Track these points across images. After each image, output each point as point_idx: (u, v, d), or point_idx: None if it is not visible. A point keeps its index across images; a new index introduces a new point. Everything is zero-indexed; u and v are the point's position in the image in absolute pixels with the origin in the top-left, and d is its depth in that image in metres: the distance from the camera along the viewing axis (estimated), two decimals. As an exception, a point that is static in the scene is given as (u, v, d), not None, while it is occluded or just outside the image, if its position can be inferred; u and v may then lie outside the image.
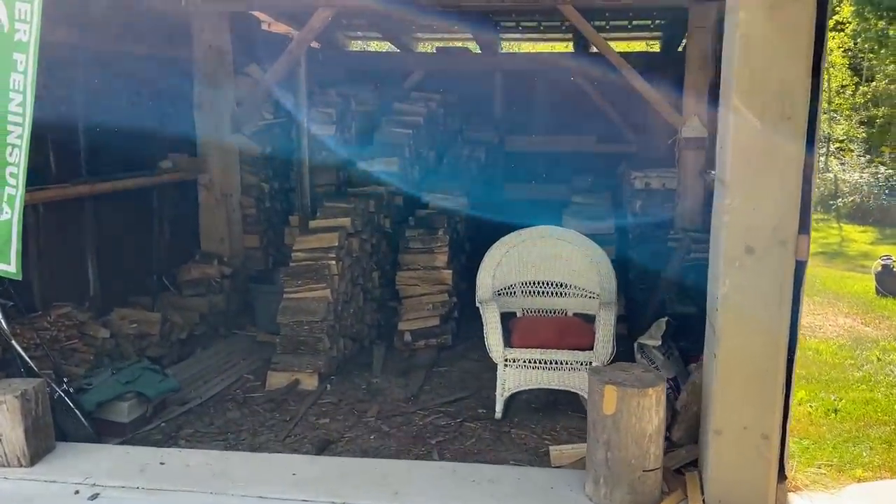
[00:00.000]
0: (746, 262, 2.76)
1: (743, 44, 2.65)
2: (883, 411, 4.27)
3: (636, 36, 9.22)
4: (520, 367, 4.06)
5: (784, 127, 2.65)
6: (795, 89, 2.63)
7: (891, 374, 4.97)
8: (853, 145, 16.29)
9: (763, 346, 2.79)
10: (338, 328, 4.85)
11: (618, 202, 6.79)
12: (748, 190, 2.72)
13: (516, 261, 4.45)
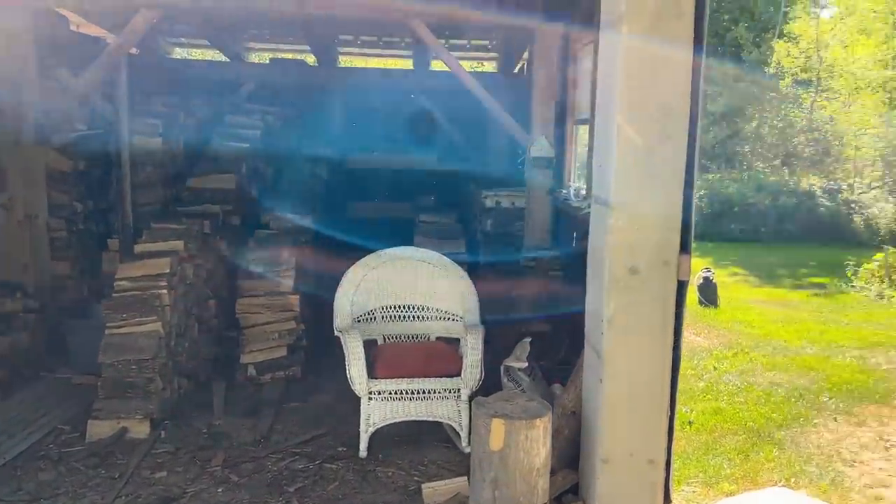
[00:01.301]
0: (631, 283, 2.69)
1: (625, 62, 2.59)
2: (731, 420, 4.47)
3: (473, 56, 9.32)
4: (385, 399, 3.78)
5: (666, 146, 2.62)
6: (676, 108, 2.60)
7: (729, 383, 5.26)
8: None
9: (649, 368, 2.73)
10: (171, 366, 4.29)
11: (464, 220, 6.73)
12: (632, 210, 2.66)
13: (375, 284, 4.18)
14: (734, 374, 5.52)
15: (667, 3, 2.57)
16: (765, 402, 4.86)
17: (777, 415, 4.63)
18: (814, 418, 4.58)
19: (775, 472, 3.78)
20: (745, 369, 5.68)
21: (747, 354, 6.09)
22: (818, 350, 6.32)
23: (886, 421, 4.55)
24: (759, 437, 4.25)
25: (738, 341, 6.52)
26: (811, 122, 20.97)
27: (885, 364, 5.85)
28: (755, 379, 5.41)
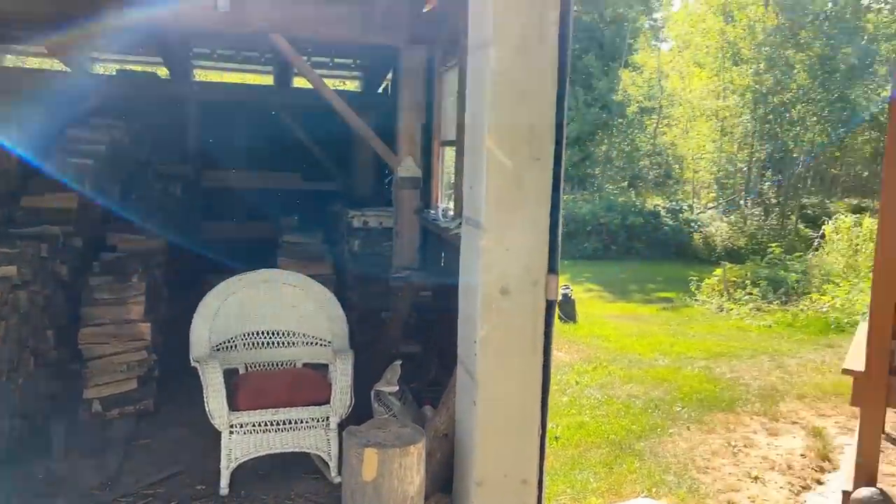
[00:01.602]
0: (503, 304, 2.69)
1: (493, 85, 2.60)
2: (594, 434, 4.61)
3: (337, 74, 9.20)
4: (248, 432, 3.56)
5: (534, 168, 2.65)
6: (544, 130, 2.64)
7: (591, 397, 5.43)
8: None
9: (521, 388, 2.73)
10: (2, 406, 3.83)
11: (330, 241, 6.58)
12: (502, 231, 2.67)
13: (237, 309, 3.95)
14: (595, 388, 5.72)
15: (532, 29, 2.61)
16: (624, 415, 5.06)
17: (636, 426, 4.83)
18: (669, 428, 4.81)
19: (638, 483, 3.92)
20: (605, 382, 5.91)
21: (606, 368, 6.34)
22: (669, 362, 6.69)
23: (733, 427, 4.86)
24: (621, 450, 4.40)
25: (596, 355, 6.78)
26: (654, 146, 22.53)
27: (728, 373, 6.28)
28: (614, 392, 5.64)
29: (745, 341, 7.69)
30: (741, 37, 20.01)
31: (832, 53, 18.46)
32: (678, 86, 22.60)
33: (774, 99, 19.06)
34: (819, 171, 20.29)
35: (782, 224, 18.21)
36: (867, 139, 19.45)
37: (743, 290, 10.19)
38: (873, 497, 3.52)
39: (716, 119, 20.61)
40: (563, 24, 2.65)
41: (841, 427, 4.89)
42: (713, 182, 20.82)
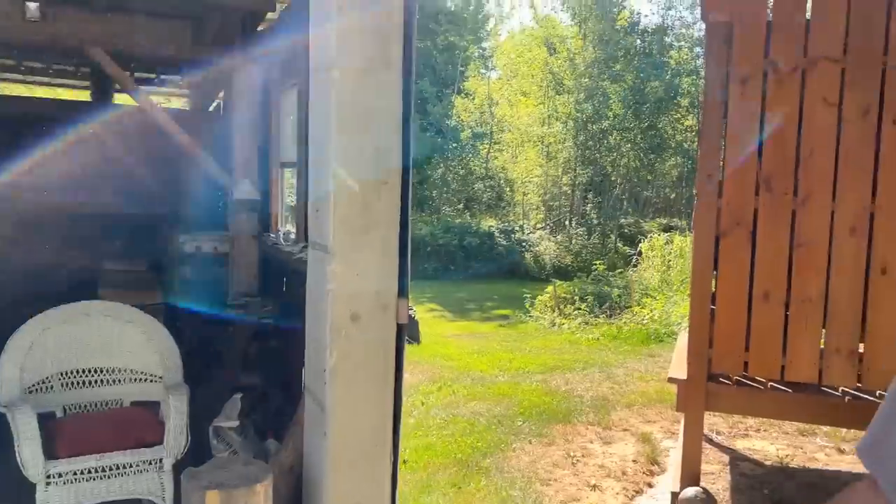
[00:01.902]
0: (353, 330, 2.63)
1: (338, 109, 2.55)
2: (442, 454, 4.62)
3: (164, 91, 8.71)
4: (69, 481, 3.21)
5: (382, 191, 2.62)
6: (391, 154, 2.63)
7: (437, 417, 5.46)
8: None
9: (373, 416, 2.68)
10: None
11: (158, 268, 6.16)
12: (351, 255, 2.61)
13: (53, 346, 3.57)
14: (440, 408, 5.76)
15: (376, 53, 2.60)
16: (470, 433, 5.13)
17: (482, 443, 4.91)
18: (512, 443, 4.94)
19: (486, 500, 3.97)
20: (450, 402, 5.97)
21: (450, 387, 6.42)
22: (509, 377, 6.90)
23: (571, 438, 5.07)
24: (468, 468, 4.45)
25: (441, 375, 6.85)
26: (487, 170, 23.40)
27: (563, 386, 6.57)
28: (459, 410, 5.71)
29: (576, 354, 8.11)
30: (563, 68, 21.38)
31: (642, 86, 20.22)
32: (507, 113, 23.70)
33: (594, 127, 20.52)
34: (634, 194, 22.03)
35: (604, 243, 19.54)
36: (673, 164, 21.40)
37: (572, 305, 10.78)
38: (697, 496, 3.81)
39: (542, 145, 21.83)
40: (408, 48, 2.67)
41: (666, 431, 5.26)
42: (541, 204, 22.00)
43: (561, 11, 23.43)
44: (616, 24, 20.87)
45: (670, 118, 20.81)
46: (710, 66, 3.86)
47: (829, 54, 3.60)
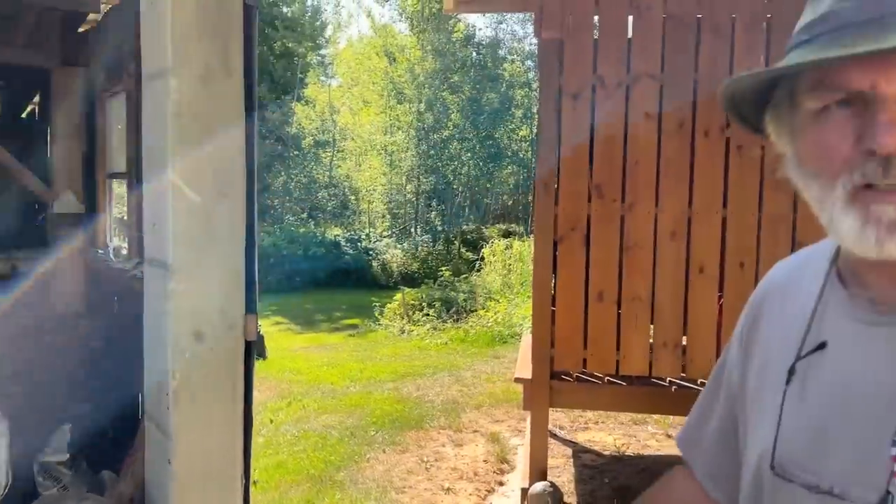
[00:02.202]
0: (197, 350, 2.50)
1: (176, 118, 2.43)
2: (294, 472, 4.51)
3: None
4: None
5: (224, 203, 2.52)
6: (233, 166, 2.53)
7: (287, 433, 5.32)
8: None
9: (222, 438, 2.56)
10: None
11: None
12: (193, 272, 2.48)
13: None
14: (291, 424, 5.62)
15: (215, 60, 2.50)
16: (322, 447, 5.05)
17: (335, 457, 4.85)
18: (366, 454, 4.92)
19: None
20: (301, 417, 5.84)
21: (300, 402, 6.29)
22: (361, 387, 6.86)
23: (424, 444, 5.13)
24: (322, 483, 4.38)
25: (290, 390, 6.69)
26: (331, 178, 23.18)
27: (415, 392, 6.63)
28: (311, 425, 5.60)
29: (426, 360, 8.22)
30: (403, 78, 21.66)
31: (479, 97, 20.93)
32: (350, 121, 23.63)
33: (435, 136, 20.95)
34: (475, 201, 22.72)
35: (448, 249, 19.97)
36: (510, 172, 22.32)
37: (421, 311, 10.92)
38: (545, 490, 3.98)
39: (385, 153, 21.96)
40: (249, 54, 2.59)
41: (513, 430, 5.45)
42: (386, 212, 22.12)
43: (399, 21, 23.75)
44: (452, 35, 21.45)
45: (506, 128, 21.68)
46: (544, 81, 4.07)
47: (649, 71, 3.92)
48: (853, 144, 0.73)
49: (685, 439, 1.15)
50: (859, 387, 0.80)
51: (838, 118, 0.75)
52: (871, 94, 0.72)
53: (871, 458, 0.77)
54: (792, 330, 0.91)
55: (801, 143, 0.81)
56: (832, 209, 0.76)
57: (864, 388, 0.80)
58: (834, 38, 0.73)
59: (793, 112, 0.81)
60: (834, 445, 0.81)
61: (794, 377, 0.88)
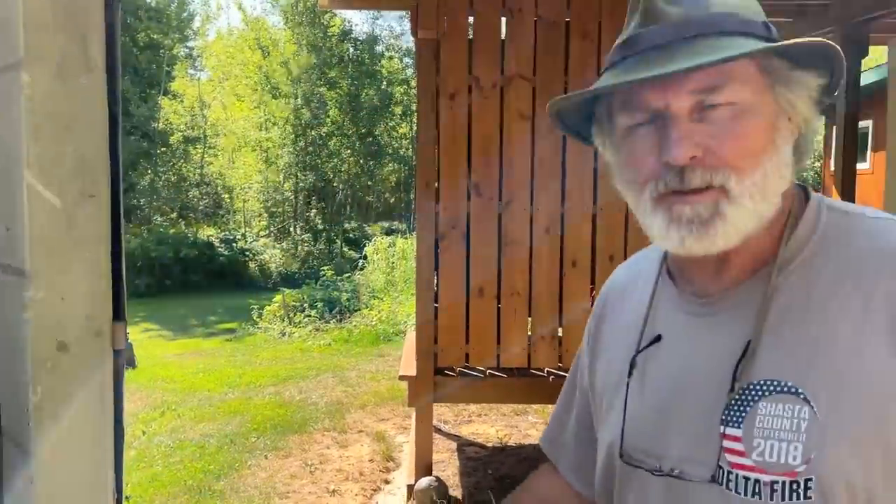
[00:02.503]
0: (61, 361, 2.33)
1: (31, 114, 2.26)
2: (170, 484, 4.32)
3: None
4: None
5: (88, 205, 2.37)
6: (97, 164, 2.38)
7: (162, 445, 5.08)
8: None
9: (91, 453, 2.40)
10: None
11: None
12: (54, 278, 2.31)
13: None
14: (165, 435, 5.38)
15: (74, 54, 2.34)
16: (200, 457, 4.87)
17: (214, 466, 4.68)
18: (248, 461, 4.78)
19: (223, 524, 3.80)
20: (176, 427, 5.60)
21: (175, 411, 6.02)
22: (240, 393, 6.66)
23: (308, 447, 5.05)
24: (200, 494, 4.22)
25: (164, 399, 6.39)
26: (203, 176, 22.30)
27: (297, 395, 6.52)
28: (187, 435, 5.38)
29: (309, 362, 8.09)
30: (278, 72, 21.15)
31: (357, 93, 20.79)
32: (221, 116, 22.82)
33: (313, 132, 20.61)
34: (356, 199, 22.57)
35: (329, 248, 19.73)
36: (391, 170, 22.34)
37: (302, 313, 10.72)
38: (431, 484, 4.03)
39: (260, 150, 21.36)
40: (112, 47, 2.45)
41: (399, 427, 5.48)
42: (263, 210, 21.53)
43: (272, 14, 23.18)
44: (328, 30, 21.18)
45: (386, 125, 21.67)
46: (422, 81, 4.11)
47: (522, 73, 4.04)
48: (657, 157, 0.82)
49: (548, 439, 1.22)
50: (691, 374, 0.88)
51: (644, 133, 0.84)
52: (667, 113, 0.81)
53: (704, 438, 0.84)
54: (631, 326, 0.99)
55: (619, 154, 0.89)
56: (644, 213, 0.85)
57: (695, 374, 0.87)
58: (636, 62, 0.82)
59: (611, 127, 0.89)
60: (672, 430, 0.88)
61: (634, 370, 0.95)
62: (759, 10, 0.86)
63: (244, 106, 22.44)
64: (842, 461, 0.76)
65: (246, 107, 22.35)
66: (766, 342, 0.82)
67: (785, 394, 0.79)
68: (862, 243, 0.83)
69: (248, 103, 22.33)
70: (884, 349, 0.76)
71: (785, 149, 0.83)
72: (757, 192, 0.80)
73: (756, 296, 0.85)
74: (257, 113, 21.63)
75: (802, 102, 0.84)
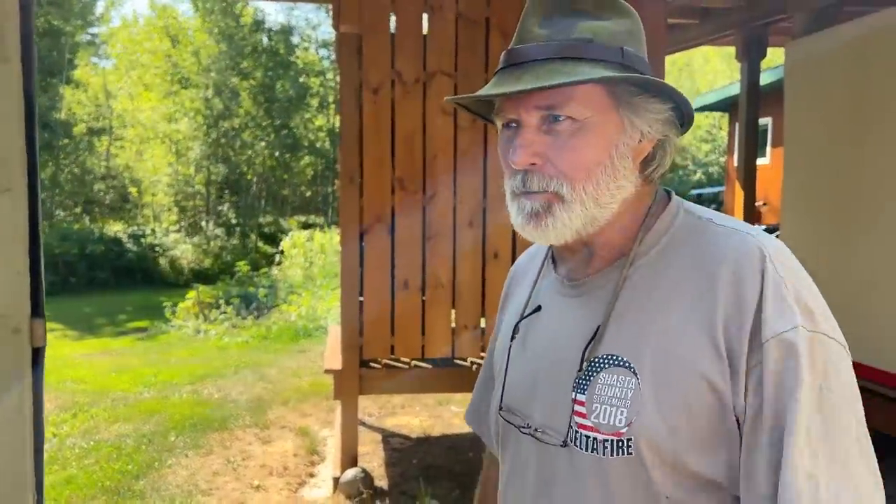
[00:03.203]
0: (-25, 362, 2.26)
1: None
2: (86, 486, 4.18)
3: None
4: None
5: (3, 201, 2.30)
6: (13, 158, 2.31)
7: (75, 447, 4.90)
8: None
9: (9, 456, 2.34)
10: None
11: None
12: (-33, 275, 2.24)
13: None
14: (78, 437, 5.19)
15: (-14, 40, 2.27)
16: (117, 458, 4.73)
17: (132, 466, 4.56)
18: (167, 460, 4.68)
19: (145, 525, 3.72)
20: (89, 428, 5.41)
21: (87, 412, 5.81)
22: (156, 392, 6.48)
23: (229, 444, 4.98)
24: (119, 496, 4.11)
25: (74, 400, 6.15)
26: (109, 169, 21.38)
27: (216, 393, 6.40)
28: (101, 436, 5.21)
29: (226, 359, 7.93)
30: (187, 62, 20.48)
31: (272, 84, 20.37)
32: (128, 106, 21.92)
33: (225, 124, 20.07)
34: (272, 192, 22.12)
35: (244, 243, 19.30)
36: (308, 163, 22.01)
37: (218, 310, 10.47)
38: (357, 476, 4.07)
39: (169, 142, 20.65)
40: (27, 39, 2.37)
41: (322, 422, 5.47)
42: (173, 205, 20.83)
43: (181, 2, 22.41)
44: (241, 20, 20.66)
45: (302, 118, 21.33)
46: (344, 74, 4.12)
47: (444, 69, 4.11)
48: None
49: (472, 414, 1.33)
50: (556, 345, 1.01)
51: (508, 135, 0.97)
52: (520, 122, 0.94)
53: (560, 402, 0.97)
54: (521, 299, 1.14)
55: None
56: (508, 200, 0.99)
57: (559, 346, 1.01)
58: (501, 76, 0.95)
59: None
60: (538, 392, 1.02)
61: (517, 335, 1.10)
62: (626, 35, 0.96)
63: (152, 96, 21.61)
64: (653, 424, 0.89)
65: (154, 97, 21.54)
66: (613, 323, 0.95)
67: (620, 367, 0.92)
68: (704, 247, 0.94)
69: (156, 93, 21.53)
70: (699, 336, 0.88)
71: (622, 162, 0.95)
72: (588, 198, 0.93)
73: (612, 283, 0.98)
74: (166, 103, 20.88)
75: (648, 123, 0.95)
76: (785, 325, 0.86)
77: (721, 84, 20.00)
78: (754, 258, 0.90)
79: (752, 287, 0.88)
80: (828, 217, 4.24)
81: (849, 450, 0.85)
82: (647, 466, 0.89)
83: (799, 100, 4.55)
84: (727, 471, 0.89)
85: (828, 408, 0.84)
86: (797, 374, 0.84)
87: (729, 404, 0.87)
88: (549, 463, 0.98)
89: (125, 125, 21.71)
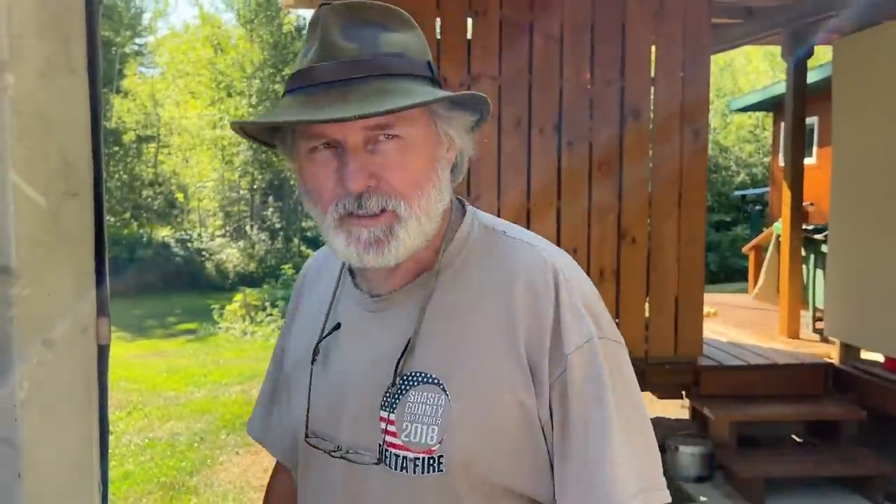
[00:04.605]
0: (46, 357, 2.37)
1: (16, 116, 2.29)
2: (143, 481, 4.33)
3: None
4: None
5: (72, 204, 2.42)
6: (80, 164, 2.43)
7: (131, 444, 5.08)
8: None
9: (77, 447, 2.45)
10: None
11: None
12: (40, 275, 2.36)
13: None
14: (134, 434, 5.37)
15: (57, 57, 2.39)
16: (171, 454, 4.88)
17: (186, 463, 4.71)
18: (219, 457, 4.82)
19: (199, 519, 3.85)
20: (144, 426, 5.59)
21: (142, 411, 6.00)
22: (206, 392, 6.66)
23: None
24: (175, 490, 4.25)
25: (129, 399, 6.36)
26: (157, 175, 21.94)
27: (264, 392, 6.54)
28: (156, 433, 5.38)
29: (273, 360, 8.08)
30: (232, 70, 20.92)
31: (314, 91, 20.62)
32: (175, 114, 22.47)
33: (269, 130, 20.37)
34: (313, 197, 22.35)
35: (287, 247, 19.60)
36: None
37: (264, 311, 10.69)
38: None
39: (215, 148, 21.10)
40: (92, 49, 2.49)
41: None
42: (219, 210, 21.28)
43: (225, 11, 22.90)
44: (283, 28, 21.02)
45: (342, 123, 21.52)
46: (390, 79, 4.19)
47: (488, 73, 4.17)
48: (336, 182, 0.91)
49: (256, 426, 1.25)
50: (361, 361, 0.98)
51: (325, 158, 0.92)
52: (345, 143, 0.90)
53: (369, 421, 0.94)
54: (316, 315, 1.07)
55: (302, 172, 0.97)
56: (328, 231, 0.94)
57: (365, 362, 0.97)
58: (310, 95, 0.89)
59: (294, 146, 0.97)
60: (345, 414, 0.97)
61: (317, 356, 1.03)
62: (425, 48, 0.98)
63: (198, 103, 22.12)
64: (462, 440, 0.89)
65: (200, 104, 22.04)
66: (421, 339, 0.93)
67: (429, 384, 0.91)
68: (499, 259, 0.96)
69: (202, 101, 22.02)
70: (503, 350, 0.90)
71: (444, 174, 0.96)
72: (423, 214, 0.92)
73: (416, 298, 0.96)
74: (212, 110, 21.35)
75: (458, 134, 0.97)
76: (583, 336, 0.90)
77: (763, 84, 19.65)
78: (546, 271, 0.92)
79: (547, 300, 0.90)
80: (877, 217, 4.18)
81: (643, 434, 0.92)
82: (458, 483, 0.89)
83: (848, 99, 4.48)
84: (536, 484, 0.91)
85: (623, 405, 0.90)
86: (600, 382, 0.89)
87: (535, 416, 0.89)
88: (359, 483, 0.95)
89: (172, 132, 22.25)
